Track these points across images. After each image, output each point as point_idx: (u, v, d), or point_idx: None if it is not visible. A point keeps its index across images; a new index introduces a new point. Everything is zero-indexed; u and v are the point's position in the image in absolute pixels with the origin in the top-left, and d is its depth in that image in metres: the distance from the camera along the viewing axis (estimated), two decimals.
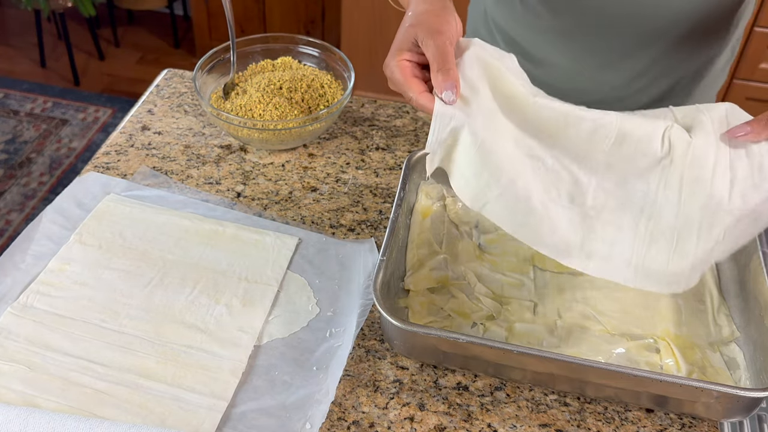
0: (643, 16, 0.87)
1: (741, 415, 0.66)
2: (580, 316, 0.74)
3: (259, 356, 0.71)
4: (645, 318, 0.74)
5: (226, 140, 0.98)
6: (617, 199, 0.67)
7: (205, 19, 2.70)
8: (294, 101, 0.97)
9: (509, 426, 0.67)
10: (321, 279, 0.80)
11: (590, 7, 0.88)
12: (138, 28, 3.12)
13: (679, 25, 0.87)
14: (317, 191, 0.91)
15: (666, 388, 0.64)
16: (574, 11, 0.89)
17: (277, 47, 1.06)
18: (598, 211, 0.67)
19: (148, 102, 1.04)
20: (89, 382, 0.68)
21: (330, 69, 1.03)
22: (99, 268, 0.79)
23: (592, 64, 0.95)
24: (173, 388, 0.68)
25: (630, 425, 0.67)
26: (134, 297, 0.76)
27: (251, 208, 0.88)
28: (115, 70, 2.89)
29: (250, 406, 0.67)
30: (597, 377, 0.65)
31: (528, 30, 0.97)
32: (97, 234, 0.83)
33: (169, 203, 0.87)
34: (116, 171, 0.92)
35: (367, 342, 0.73)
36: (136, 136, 0.98)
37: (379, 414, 0.67)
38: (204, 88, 0.99)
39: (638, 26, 0.88)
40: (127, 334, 0.72)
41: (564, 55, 0.95)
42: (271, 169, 0.94)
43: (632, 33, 0.89)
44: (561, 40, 0.93)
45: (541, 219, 0.65)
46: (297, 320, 0.75)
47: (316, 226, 0.86)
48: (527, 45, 0.97)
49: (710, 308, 0.75)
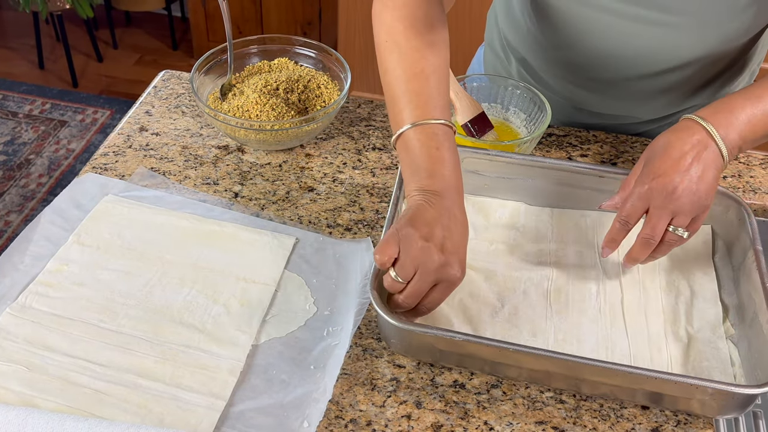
0: (650, 60, 0.86)
1: (736, 412, 0.66)
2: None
3: (257, 355, 0.72)
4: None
5: (223, 141, 0.98)
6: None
7: (203, 21, 2.71)
8: (290, 102, 0.97)
9: (505, 423, 0.67)
10: (318, 278, 0.80)
11: (591, 47, 0.87)
12: (136, 29, 3.13)
13: (691, 66, 0.86)
14: (314, 191, 0.91)
15: (661, 385, 0.64)
16: (576, 46, 0.88)
17: (273, 48, 1.06)
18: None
19: (146, 103, 1.04)
20: (88, 382, 0.69)
21: (326, 70, 1.03)
22: (97, 269, 0.79)
23: (600, 99, 0.94)
24: (171, 388, 0.68)
25: (625, 422, 0.68)
26: (132, 297, 0.76)
27: (249, 208, 0.88)
28: (113, 72, 2.89)
29: (248, 405, 0.67)
30: (592, 375, 0.66)
31: (536, 57, 0.97)
32: (96, 235, 0.83)
33: (167, 204, 0.87)
34: (114, 172, 0.92)
35: (364, 341, 0.74)
36: (133, 137, 0.98)
37: (376, 412, 0.68)
38: (201, 89, 0.99)
39: (646, 67, 0.87)
40: (125, 334, 0.73)
41: (575, 85, 0.95)
42: (269, 169, 0.94)
43: (641, 74, 0.88)
44: (570, 70, 0.93)
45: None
46: (294, 319, 0.76)
47: (313, 226, 0.86)
48: (539, 69, 0.98)
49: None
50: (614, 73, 0.90)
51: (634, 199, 0.71)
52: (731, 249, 0.79)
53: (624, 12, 0.81)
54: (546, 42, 0.93)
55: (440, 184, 0.69)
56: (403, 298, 0.67)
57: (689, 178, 0.68)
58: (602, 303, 0.75)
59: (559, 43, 0.91)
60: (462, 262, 0.67)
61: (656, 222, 0.69)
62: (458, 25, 2.09)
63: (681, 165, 0.68)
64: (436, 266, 0.65)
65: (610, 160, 0.95)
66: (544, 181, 0.84)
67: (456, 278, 0.67)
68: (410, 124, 0.71)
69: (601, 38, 0.85)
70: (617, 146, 0.96)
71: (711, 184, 0.69)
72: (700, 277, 0.78)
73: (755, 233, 0.75)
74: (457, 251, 0.67)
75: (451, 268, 0.66)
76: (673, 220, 0.69)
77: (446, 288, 0.68)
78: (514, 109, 0.96)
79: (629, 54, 0.86)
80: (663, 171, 0.69)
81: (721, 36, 0.81)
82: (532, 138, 0.88)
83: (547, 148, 0.96)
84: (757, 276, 0.71)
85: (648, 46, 0.84)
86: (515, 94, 0.95)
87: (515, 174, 0.84)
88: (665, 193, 0.69)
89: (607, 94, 0.94)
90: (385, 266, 0.66)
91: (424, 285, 0.66)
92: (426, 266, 0.65)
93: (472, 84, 0.96)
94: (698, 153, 0.68)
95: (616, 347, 0.71)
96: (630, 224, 0.72)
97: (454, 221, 0.68)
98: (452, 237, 0.67)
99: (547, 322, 0.74)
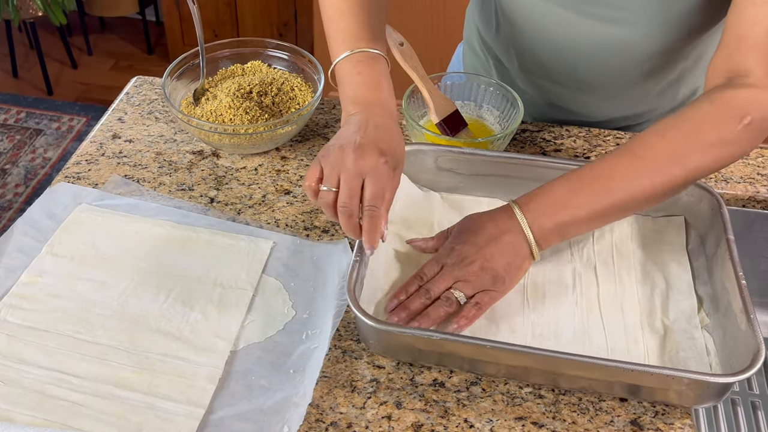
0: (613, 56, 0.87)
1: (713, 401, 0.67)
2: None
3: (236, 361, 0.71)
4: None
5: (198, 146, 0.97)
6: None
7: (178, 24, 2.69)
8: (264, 105, 0.97)
9: (485, 420, 0.67)
10: (296, 281, 0.80)
11: (556, 43, 0.89)
12: (110, 35, 3.10)
13: (653, 60, 0.87)
14: (290, 194, 0.91)
15: (638, 377, 0.65)
16: (543, 43, 0.90)
17: (246, 51, 1.06)
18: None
19: (118, 110, 1.03)
20: (65, 394, 0.68)
21: (300, 72, 1.03)
22: (72, 279, 0.78)
23: (570, 96, 0.96)
24: (149, 397, 0.68)
25: (604, 415, 0.68)
26: (108, 307, 0.76)
27: (225, 213, 0.88)
28: (88, 78, 2.86)
29: (228, 412, 0.67)
30: (570, 369, 0.66)
31: (509, 55, 0.98)
32: (69, 245, 0.82)
33: (142, 211, 0.87)
34: (87, 181, 0.91)
35: (344, 342, 0.74)
36: (106, 145, 0.97)
37: (356, 414, 0.68)
38: (174, 95, 0.98)
39: (610, 64, 0.88)
40: (101, 344, 0.72)
41: (545, 82, 0.96)
42: (244, 173, 0.94)
43: (606, 71, 0.90)
44: (539, 66, 0.94)
45: None
46: (273, 324, 0.75)
47: (290, 229, 0.86)
48: (511, 67, 0.99)
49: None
50: (580, 71, 0.91)
51: (439, 254, 0.74)
52: (705, 239, 0.80)
53: (584, 10, 0.82)
54: (516, 39, 0.94)
55: (360, 105, 0.73)
56: (342, 204, 0.68)
57: (484, 255, 0.70)
58: (578, 297, 0.76)
59: (526, 40, 0.92)
60: (383, 151, 0.69)
61: (439, 279, 0.71)
62: (432, 25, 2.10)
63: (480, 241, 0.71)
64: (353, 160, 0.68)
65: (583, 154, 0.95)
66: (518, 177, 0.84)
67: (375, 165, 0.68)
68: (337, 60, 0.77)
69: (565, 35, 0.87)
70: (590, 140, 0.97)
71: (505, 267, 0.70)
72: (675, 268, 0.78)
73: (727, 223, 0.76)
74: (373, 142, 0.69)
75: (368, 156, 0.68)
76: (457, 284, 0.71)
77: (376, 180, 0.68)
78: (488, 107, 0.96)
79: (594, 50, 0.87)
80: (466, 240, 0.72)
81: (679, 32, 0.82)
82: (505, 135, 0.88)
83: (522, 144, 0.96)
84: (730, 265, 0.72)
85: (610, 42, 0.85)
86: (488, 91, 0.95)
87: (490, 171, 0.84)
88: (459, 259, 0.71)
89: (576, 91, 0.95)
90: (312, 188, 0.69)
91: (352, 182, 0.68)
92: (345, 165, 0.68)
93: (447, 82, 0.96)
94: (501, 236, 0.71)
95: (593, 340, 0.72)
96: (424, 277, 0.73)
97: (374, 126, 0.71)
98: (367, 135, 0.69)
99: (525, 317, 0.74)
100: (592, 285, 0.77)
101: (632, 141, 0.71)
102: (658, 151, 0.69)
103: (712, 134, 0.68)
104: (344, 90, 0.76)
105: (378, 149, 0.69)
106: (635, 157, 0.69)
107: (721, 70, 0.71)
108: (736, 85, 0.69)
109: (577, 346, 0.72)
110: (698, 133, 0.69)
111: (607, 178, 0.70)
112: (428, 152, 0.85)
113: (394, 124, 0.73)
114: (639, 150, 0.69)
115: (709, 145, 0.69)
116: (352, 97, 0.75)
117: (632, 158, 0.70)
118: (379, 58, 0.76)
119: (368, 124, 0.71)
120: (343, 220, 0.68)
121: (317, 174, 0.69)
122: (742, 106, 0.68)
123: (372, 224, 0.68)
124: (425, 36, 2.11)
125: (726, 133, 0.68)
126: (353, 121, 0.72)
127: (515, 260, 0.71)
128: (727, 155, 0.70)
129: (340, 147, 0.69)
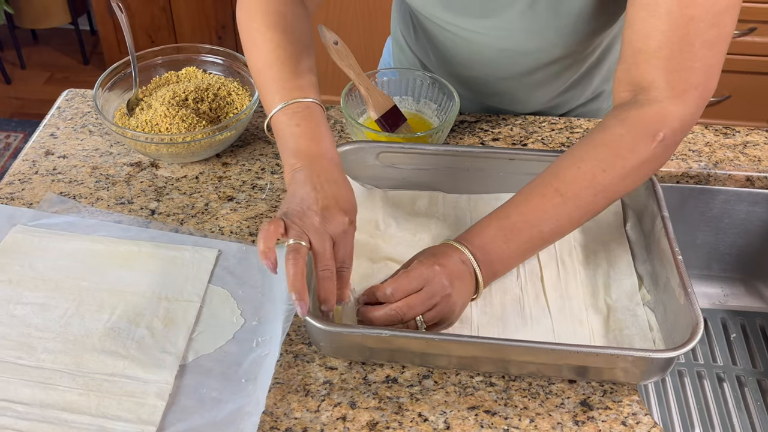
0: (510, 63, 0.90)
1: (658, 375, 0.69)
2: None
3: (186, 375, 0.70)
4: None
5: (135, 157, 0.95)
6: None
7: (113, 33, 2.62)
8: (201, 112, 0.95)
9: (439, 413, 0.68)
10: (244, 289, 0.79)
11: (452, 51, 0.92)
12: (44, 47, 3.01)
13: (555, 65, 0.90)
14: (234, 200, 0.90)
15: (584, 359, 0.66)
16: (447, 49, 0.93)
17: (180, 58, 1.04)
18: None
19: (50, 125, 1.00)
20: (9, 423, 0.66)
21: (236, 76, 1.02)
22: (10, 304, 0.76)
23: (490, 94, 0.98)
24: (98, 419, 0.66)
25: (555, 398, 0.69)
26: (50, 330, 0.74)
27: (167, 225, 0.86)
28: (23, 93, 2.78)
29: (180, 428, 0.66)
30: (518, 355, 0.67)
31: (426, 55, 1.00)
32: (6, 268, 0.80)
33: (80, 228, 0.85)
34: (21, 200, 0.89)
35: (295, 347, 0.73)
36: (39, 162, 0.94)
37: (311, 418, 0.67)
38: (107, 106, 0.96)
39: (509, 69, 0.91)
40: (45, 368, 0.70)
41: (463, 82, 0.98)
42: (185, 182, 0.92)
43: (508, 75, 0.93)
44: (452, 66, 0.96)
45: None
46: (222, 334, 0.74)
47: (235, 236, 0.85)
48: (430, 66, 1.01)
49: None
50: (490, 77, 0.94)
51: (417, 272, 0.70)
52: (641, 217, 0.82)
53: (474, 25, 0.85)
54: (431, 45, 0.96)
55: (305, 159, 0.71)
56: (324, 267, 0.67)
57: (457, 289, 0.69)
58: (523, 282, 0.77)
59: (440, 46, 0.94)
60: (346, 210, 0.69)
61: (418, 304, 0.69)
62: (363, 23, 2.10)
63: (447, 281, 0.69)
64: (320, 223, 0.67)
65: (520, 141, 0.96)
66: (459, 168, 0.85)
67: (344, 228, 0.68)
68: (272, 113, 0.75)
69: (466, 46, 0.90)
70: (526, 127, 0.98)
71: (460, 305, 0.70)
72: (615, 248, 0.80)
73: (661, 201, 0.78)
74: (335, 201, 0.68)
75: (335, 218, 0.68)
76: (425, 313, 0.70)
77: (346, 242, 0.69)
78: (425, 100, 0.96)
79: (496, 58, 0.90)
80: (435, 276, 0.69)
81: (573, 38, 0.84)
82: (443, 127, 0.88)
83: (461, 136, 0.97)
84: (666, 242, 0.74)
85: (507, 53, 0.88)
86: (425, 84, 0.96)
87: (430, 164, 0.85)
88: (441, 287, 0.69)
89: (495, 94, 0.97)
90: (267, 256, 0.64)
91: (325, 245, 0.67)
92: (314, 227, 0.67)
93: (383, 78, 0.97)
94: (462, 277, 0.70)
95: (539, 325, 0.73)
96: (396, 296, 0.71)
97: (327, 182, 0.69)
98: (326, 195, 0.68)
99: (471, 306, 0.75)
100: (535, 270, 0.78)
101: (554, 176, 0.71)
102: (581, 186, 0.70)
103: (631, 158, 0.70)
104: (284, 143, 0.73)
105: (341, 209, 0.68)
106: (560, 197, 0.70)
107: (625, 82, 0.73)
108: (642, 102, 0.70)
109: (524, 331, 0.73)
110: (617, 159, 0.70)
111: (537, 224, 0.71)
112: (369, 150, 0.85)
113: (343, 176, 0.72)
114: (562, 186, 0.70)
115: (629, 170, 0.70)
116: (294, 150, 0.72)
117: (557, 199, 0.70)
118: (314, 106, 0.74)
119: (321, 181, 0.69)
120: (325, 284, 0.67)
121: (281, 230, 0.66)
122: (652, 123, 0.70)
123: (344, 282, 0.69)
124: (360, 33, 2.11)
125: (643, 154, 0.70)
126: (303, 179, 0.70)
127: (467, 300, 0.72)
128: (646, 173, 0.72)
129: (304, 210, 0.67)
